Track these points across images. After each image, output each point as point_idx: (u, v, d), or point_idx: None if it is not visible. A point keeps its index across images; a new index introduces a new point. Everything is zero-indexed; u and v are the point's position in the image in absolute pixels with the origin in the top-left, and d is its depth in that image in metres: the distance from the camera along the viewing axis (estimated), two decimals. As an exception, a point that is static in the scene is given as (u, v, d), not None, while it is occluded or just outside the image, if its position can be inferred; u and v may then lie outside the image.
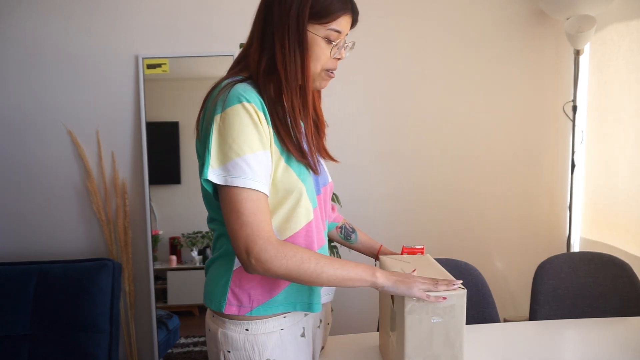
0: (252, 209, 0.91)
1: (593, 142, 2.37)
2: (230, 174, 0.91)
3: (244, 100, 0.93)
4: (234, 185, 0.91)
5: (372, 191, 2.50)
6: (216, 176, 0.92)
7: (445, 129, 2.50)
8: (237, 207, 0.91)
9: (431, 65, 2.48)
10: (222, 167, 0.92)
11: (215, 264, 1.05)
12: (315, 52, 1.00)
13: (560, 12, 2.24)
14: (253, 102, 0.94)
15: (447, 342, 0.99)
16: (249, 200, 0.91)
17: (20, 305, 2.07)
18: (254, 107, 0.94)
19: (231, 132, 0.92)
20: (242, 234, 0.90)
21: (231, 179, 0.91)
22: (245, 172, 0.91)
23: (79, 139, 2.38)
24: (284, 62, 0.98)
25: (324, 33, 0.99)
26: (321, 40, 1.00)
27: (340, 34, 1.01)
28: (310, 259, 0.93)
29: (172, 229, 2.46)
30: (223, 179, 0.91)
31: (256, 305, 1.00)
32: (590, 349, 1.29)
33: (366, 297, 2.43)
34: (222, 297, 1.00)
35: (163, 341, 2.43)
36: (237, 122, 0.92)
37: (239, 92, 0.94)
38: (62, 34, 2.34)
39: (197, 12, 2.37)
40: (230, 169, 0.91)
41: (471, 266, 1.74)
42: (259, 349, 1.00)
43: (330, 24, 0.99)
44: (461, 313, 0.98)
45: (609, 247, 2.18)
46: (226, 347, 1.01)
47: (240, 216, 0.90)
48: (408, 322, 0.98)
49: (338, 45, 1.02)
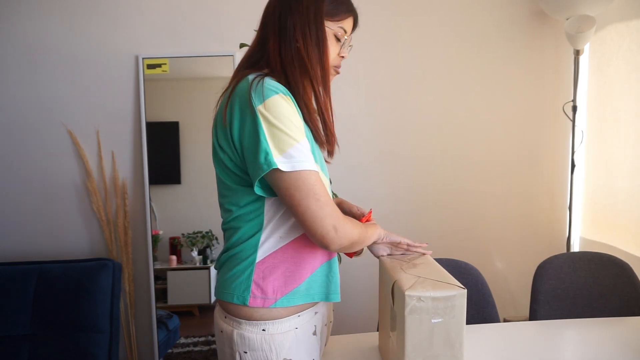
0: (323, 189, 0.96)
1: (593, 142, 2.37)
2: (297, 159, 0.93)
3: (280, 92, 0.96)
4: (303, 170, 0.94)
5: (372, 191, 2.50)
6: (282, 164, 0.93)
7: (445, 128, 2.50)
8: (313, 189, 0.94)
9: (431, 66, 2.48)
10: (284, 155, 0.93)
11: (233, 259, 1.05)
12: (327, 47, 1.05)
13: (560, 12, 2.24)
14: (287, 94, 0.98)
15: (448, 343, 0.99)
16: (318, 182, 0.96)
17: (20, 305, 2.07)
18: (288, 98, 0.97)
19: (282, 120, 0.94)
20: (326, 213, 0.95)
21: (299, 164, 0.93)
22: (308, 156, 0.95)
23: (79, 139, 2.38)
24: (307, 53, 1.03)
25: (334, 30, 1.06)
26: (332, 36, 1.06)
27: (345, 33, 1.08)
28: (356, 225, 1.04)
29: (172, 229, 2.46)
30: (290, 165, 0.93)
31: (280, 297, 1.02)
32: (590, 349, 1.29)
33: (366, 297, 2.43)
34: (246, 290, 1.01)
35: (163, 341, 2.42)
36: (284, 110, 0.94)
37: (273, 84, 0.97)
38: (62, 34, 2.34)
39: (197, 12, 2.37)
40: (294, 155, 0.93)
41: (471, 266, 1.74)
42: (276, 348, 1.01)
43: (340, 22, 1.06)
44: (461, 313, 0.98)
45: (609, 247, 2.18)
46: (242, 348, 1.01)
47: (319, 197, 0.94)
48: (408, 323, 0.98)
49: (345, 43, 1.09)
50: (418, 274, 1.07)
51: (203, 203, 2.44)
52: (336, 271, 1.11)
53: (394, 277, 1.07)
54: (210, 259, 2.49)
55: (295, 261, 1.04)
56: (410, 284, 1.01)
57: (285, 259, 1.03)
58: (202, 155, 2.42)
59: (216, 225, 2.49)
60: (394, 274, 1.08)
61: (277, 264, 1.02)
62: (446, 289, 0.99)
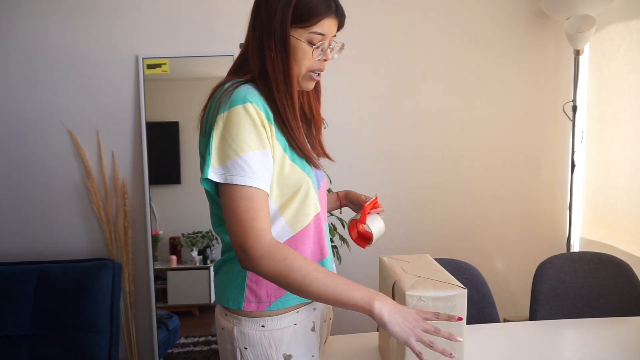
0: (247, 206, 0.92)
1: (593, 142, 2.37)
2: (230, 172, 0.93)
3: (247, 102, 0.95)
4: (232, 184, 0.93)
5: (372, 191, 2.50)
6: (216, 174, 0.94)
7: (445, 129, 2.50)
8: (232, 205, 0.93)
9: (431, 66, 2.48)
10: (222, 166, 0.94)
11: (227, 264, 1.06)
12: (298, 55, 1.02)
13: (560, 12, 2.24)
14: (254, 102, 0.96)
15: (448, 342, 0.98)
16: (245, 199, 0.93)
17: (20, 305, 2.07)
18: (255, 108, 0.96)
19: (231, 132, 0.94)
20: (236, 231, 0.92)
21: (230, 177, 0.93)
22: (244, 170, 0.93)
23: (79, 139, 2.38)
24: (272, 66, 1.01)
25: (306, 37, 1.01)
26: (303, 43, 1.01)
27: (324, 36, 1.02)
28: (300, 269, 0.89)
29: (172, 229, 2.46)
30: (222, 177, 0.94)
31: (274, 300, 1.02)
32: (590, 349, 1.29)
33: (366, 297, 2.43)
34: (240, 294, 1.03)
35: (163, 341, 2.43)
36: (237, 122, 0.94)
37: (242, 93, 0.97)
38: (63, 34, 2.34)
39: (197, 12, 2.37)
40: (229, 167, 0.93)
41: (471, 266, 1.74)
42: (275, 344, 1.02)
43: (312, 27, 1.00)
44: (462, 313, 0.98)
45: (609, 247, 2.18)
46: (243, 344, 1.02)
47: (233, 214, 0.93)
48: None
49: (322, 47, 1.04)
50: (418, 273, 1.07)
51: (203, 203, 2.42)
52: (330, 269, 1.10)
53: (395, 277, 1.07)
54: (210, 259, 2.49)
55: None
56: (411, 283, 1.01)
57: None
58: (202, 155, 2.42)
59: (216, 225, 2.49)
60: (395, 273, 1.08)
61: None
62: (446, 289, 0.99)
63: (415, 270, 1.09)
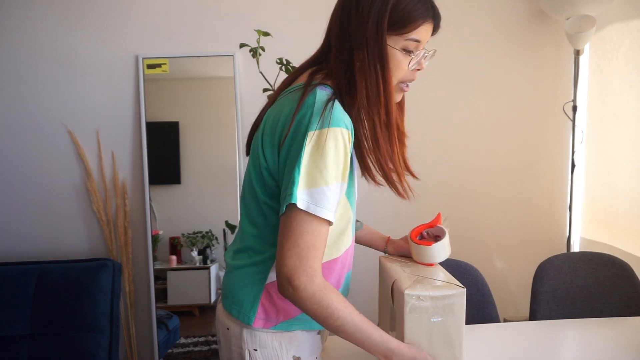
0: (311, 242, 0.88)
1: (593, 142, 2.37)
2: (315, 201, 0.87)
3: (343, 126, 0.88)
4: (310, 212, 0.87)
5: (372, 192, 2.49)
6: (302, 200, 0.87)
7: (445, 128, 2.50)
8: (297, 236, 0.87)
9: (431, 66, 2.46)
10: (307, 192, 0.87)
11: (245, 272, 1.02)
12: (392, 65, 0.94)
13: (560, 12, 2.24)
14: (349, 129, 0.90)
15: (447, 342, 0.98)
16: (311, 233, 0.88)
17: (20, 305, 2.07)
18: (349, 135, 0.90)
19: (324, 157, 0.87)
20: (290, 264, 0.87)
21: (314, 207, 0.87)
22: (329, 202, 0.88)
23: (79, 139, 2.37)
24: (364, 78, 0.92)
25: (402, 44, 0.93)
26: (398, 52, 0.93)
27: (419, 43, 0.95)
28: (338, 319, 0.90)
29: (172, 229, 2.46)
30: (306, 205, 0.87)
31: (282, 320, 1.00)
32: (590, 349, 1.29)
33: (366, 297, 2.42)
34: (252, 310, 0.99)
35: (163, 341, 2.42)
36: (333, 147, 0.87)
37: (340, 114, 0.89)
38: (62, 34, 2.34)
39: (197, 12, 2.37)
40: (315, 196, 0.87)
41: (471, 266, 1.74)
42: (286, 346, 1.01)
43: (410, 34, 0.92)
44: (461, 312, 0.98)
45: (609, 247, 2.18)
46: (252, 346, 1.01)
47: (295, 246, 0.87)
48: (408, 322, 0.98)
49: (417, 56, 0.96)
50: (417, 273, 1.07)
51: (203, 203, 2.44)
52: None
53: (394, 277, 1.07)
54: (210, 259, 2.49)
55: None
56: (410, 283, 1.01)
57: None
58: (202, 155, 2.42)
59: (216, 225, 2.49)
60: (394, 273, 1.08)
61: None
62: (445, 289, 0.99)
63: (414, 270, 1.09)
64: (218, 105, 2.44)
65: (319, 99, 0.90)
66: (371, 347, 0.94)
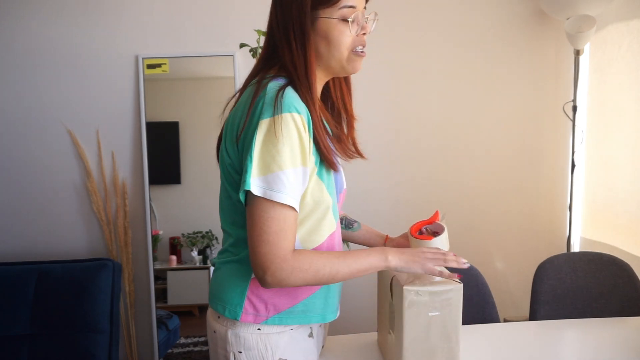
0: (278, 228, 0.89)
1: (593, 142, 2.37)
2: (270, 187, 0.89)
3: (294, 111, 0.90)
4: (269, 199, 0.89)
5: (372, 191, 2.50)
6: (256, 187, 0.89)
7: (445, 128, 2.50)
8: (262, 223, 0.89)
9: (431, 66, 2.48)
10: (262, 178, 0.89)
11: (230, 268, 1.02)
12: (334, 36, 0.97)
13: (560, 12, 2.23)
14: (303, 113, 0.92)
15: (444, 336, 1.02)
16: (277, 219, 0.89)
17: (20, 305, 2.07)
18: (302, 120, 0.91)
19: (276, 143, 0.89)
20: (261, 251, 0.89)
21: (270, 192, 0.89)
22: (285, 187, 0.89)
23: (79, 139, 2.37)
24: (292, 62, 0.96)
25: (338, 14, 0.96)
26: (337, 22, 0.96)
27: (355, 8, 0.98)
28: (325, 266, 0.92)
29: (172, 229, 2.46)
30: (262, 191, 0.89)
31: (272, 314, 1.00)
32: (590, 349, 1.29)
33: (366, 297, 2.43)
34: (239, 305, 0.99)
35: (163, 341, 2.43)
36: (285, 133, 0.89)
37: (289, 100, 0.91)
38: (62, 34, 2.34)
39: (197, 12, 2.37)
40: (270, 181, 0.89)
41: (471, 266, 1.74)
42: (272, 348, 1.00)
43: (340, 1, 0.96)
44: (458, 306, 1.01)
45: (609, 247, 2.18)
46: (237, 348, 1.00)
47: (262, 233, 0.89)
48: (406, 316, 1.00)
49: (357, 20, 0.98)
50: None
51: (203, 203, 2.44)
52: (334, 290, 1.07)
53: (393, 272, 1.08)
54: (210, 259, 2.49)
55: None
56: (409, 278, 1.04)
57: None
58: (202, 155, 2.42)
59: (216, 225, 2.48)
60: None
61: None
62: (443, 284, 1.01)
63: None
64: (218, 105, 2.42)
65: (270, 90, 0.93)
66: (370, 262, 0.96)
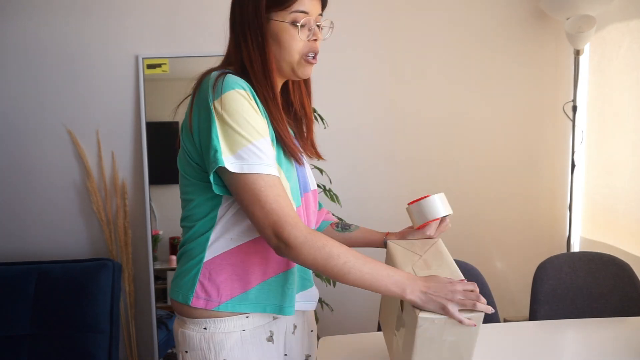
0: (274, 195, 0.89)
1: (593, 142, 2.37)
2: (246, 162, 0.88)
3: (238, 87, 0.91)
4: (253, 172, 0.88)
5: (372, 191, 2.50)
6: (233, 164, 0.88)
7: (445, 128, 2.50)
8: (259, 195, 0.88)
9: (431, 65, 2.48)
10: (234, 155, 0.88)
11: (184, 256, 1.02)
12: (285, 39, 0.97)
13: (560, 12, 2.23)
14: (247, 89, 0.93)
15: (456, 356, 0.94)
16: (270, 187, 0.89)
17: (20, 305, 2.07)
18: (247, 94, 0.92)
19: (235, 118, 0.89)
20: (269, 221, 0.88)
21: (248, 166, 0.88)
22: (261, 158, 0.89)
23: (79, 139, 2.37)
24: (249, 57, 0.98)
25: (290, 17, 0.96)
26: (289, 26, 0.96)
27: (307, 14, 0.97)
28: (340, 256, 0.89)
29: (172, 229, 2.46)
30: (239, 167, 0.88)
31: (225, 300, 0.97)
32: (590, 349, 1.29)
33: (366, 297, 2.42)
34: (190, 289, 0.97)
35: (163, 341, 2.42)
36: (238, 107, 0.90)
37: (232, 80, 0.92)
38: (62, 34, 2.34)
39: (197, 12, 2.37)
40: (244, 157, 0.88)
41: (471, 266, 1.74)
42: (215, 348, 0.97)
43: (292, 6, 0.96)
44: (476, 333, 0.92)
45: (609, 247, 2.18)
46: (184, 347, 0.99)
47: (264, 205, 0.88)
48: (418, 342, 0.91)
49: (308, 26, 0.98)
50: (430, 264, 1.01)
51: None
52: (292, 282, 1.02)
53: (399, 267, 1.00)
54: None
55: (245, 265, 0.98)
56: None
57: (235, 262, 0.98)
58: (202, 155, 2.42)
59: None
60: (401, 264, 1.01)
61: (225, 266, 0.98)
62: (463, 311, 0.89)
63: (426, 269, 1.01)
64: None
65: (212, 77, 0.94)
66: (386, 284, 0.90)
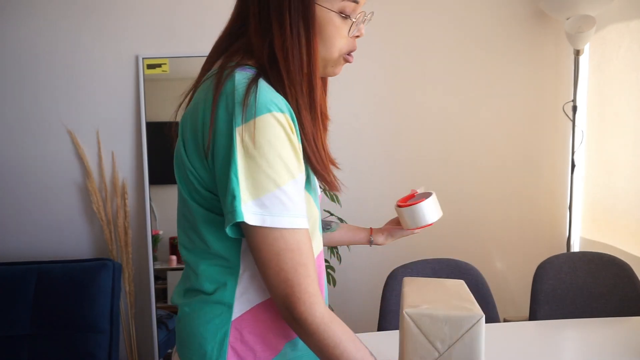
0: (294, 260, 0.71)
1: (593, 142, 2.37)
2: (269, 212, 0.70)
3: (275, 109, 0.70)
4: (273, 227, 0.70)
5: (372, 191, 2.50)
6: (252, 215, 0.69)
7: (445, 128, 2.50)
8: (276, 259, 0.71)
9: (431, 66, 2.48)
10: (255, 201, 0.70)
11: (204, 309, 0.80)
12: (328, 33, 0.78)
13: (560, 12, 2.24)
14: (285, 110, 0.72)
15: None
16: (290, 250, 0.71)
17: (20, 305, 2.07)
18: (287, 118, 0.72)
19: (267, 154, 0.69)
20: (282, 292, 0.72)
21: (270, 219, 0.70)
22: (287, 207, 0.70)
23: (79, 139, 2.37)
24: (284, 49, 0.75)
25: (338, 6, 0.77)
26: (335, 16, 0.77)
27: (357, 4, 0.79)
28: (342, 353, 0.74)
29: (172, 229, 2.46)
30: (260, 219, 0.70)
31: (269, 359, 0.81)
32: (590, 349, 1.29)
33: (366, 297, 2.43)
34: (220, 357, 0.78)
35: (163, 341, 2.42)
36: (272, 139, 0.69)
37: (269, 96, 0.71)
38: (62, 34, 2.34)
39: (197, 12, 2.37)
40: (267, 204, 0.70)
41: (471, 266, 1.74)
42: None
43: None
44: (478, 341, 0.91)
45: (609, 247, 2.18)
46: None
47: (279, 272, 0.71)
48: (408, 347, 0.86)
49: (357, 20, 0.79)
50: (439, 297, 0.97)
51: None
52: None
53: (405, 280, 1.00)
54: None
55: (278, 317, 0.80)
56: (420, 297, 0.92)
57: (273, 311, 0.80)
58: (202, 155, 2.42)
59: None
60: None
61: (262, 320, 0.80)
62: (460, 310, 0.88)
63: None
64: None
65: (239, 85, 0.72)
66: None
